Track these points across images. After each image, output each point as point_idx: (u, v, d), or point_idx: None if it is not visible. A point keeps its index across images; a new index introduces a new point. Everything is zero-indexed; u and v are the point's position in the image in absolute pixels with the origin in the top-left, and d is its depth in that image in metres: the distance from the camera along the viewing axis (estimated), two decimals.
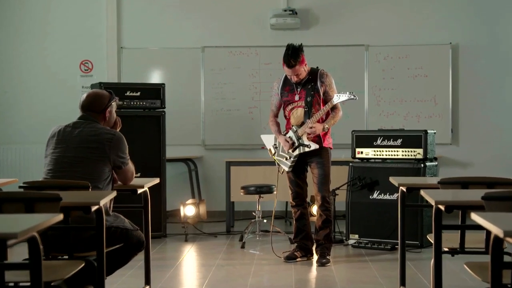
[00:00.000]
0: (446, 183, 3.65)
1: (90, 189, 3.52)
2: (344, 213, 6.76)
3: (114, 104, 4.00)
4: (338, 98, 5.35)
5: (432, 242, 3.18)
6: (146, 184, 4.08)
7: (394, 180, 4.25)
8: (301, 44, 5.39)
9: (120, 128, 4.04)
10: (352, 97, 5.35)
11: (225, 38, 8.51)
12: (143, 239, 3.95)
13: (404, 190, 4.11)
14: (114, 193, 3.44)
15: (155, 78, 8.49)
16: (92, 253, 3.38)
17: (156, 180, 4.37)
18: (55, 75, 8.56)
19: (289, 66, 5.33)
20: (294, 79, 5.43)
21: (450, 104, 8.37)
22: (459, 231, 3.46)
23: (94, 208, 3.05)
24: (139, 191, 4.04)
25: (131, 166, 3.95)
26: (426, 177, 6.05)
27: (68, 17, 8.62)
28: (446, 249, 3.48)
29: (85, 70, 8.57)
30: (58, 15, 8.62)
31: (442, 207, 3.02)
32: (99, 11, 8.58)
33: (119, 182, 3.99)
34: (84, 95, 3.97)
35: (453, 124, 8.40)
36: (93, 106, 3.92)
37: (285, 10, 8.33)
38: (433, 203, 3.02)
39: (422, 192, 3.31)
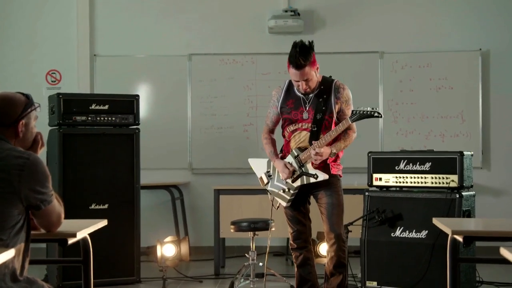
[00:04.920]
0: None
1: None
2: (356, 249, 5.80)
3: (33, 114, 2.74)
4: (355, 115, 4.13)
5: None
6: (81, 231, 2.81)
7: (443, 225, 2.97)
8: (312, 41, 4.21)
9: (42, 149, 2.78)
10: (376, 114, 4.13)
11: (215, 44, 7.63)
12: None
13: (461, 240, 2.84)
14: (10, 254, 2.17)
15: (134, 90, 7.34)
16: None
17: (102, 223, 3.13)
18: (17, 86, 7.31)
19: (298, 66, 4.12)
20: (303, 87, 4.21)
21: (480, 121, 7.41)
22: None
23: None
24: (70, 241, 2.77)
25: (56, 204, 2.68)
26: (489, 219, 4.85)
27: (33, 21, 7.55)
28: None
29: (52, 81, 7.45)
30: (20, 18, 7.52)
31: None
32: (68, 14, 7.54)
33: (41, 230, 2.73)
34: None
35: (484, 145, 7.42)
36: None
37: (286, 11, 7.43)
38: None
39: (505, 253, 2.05)
